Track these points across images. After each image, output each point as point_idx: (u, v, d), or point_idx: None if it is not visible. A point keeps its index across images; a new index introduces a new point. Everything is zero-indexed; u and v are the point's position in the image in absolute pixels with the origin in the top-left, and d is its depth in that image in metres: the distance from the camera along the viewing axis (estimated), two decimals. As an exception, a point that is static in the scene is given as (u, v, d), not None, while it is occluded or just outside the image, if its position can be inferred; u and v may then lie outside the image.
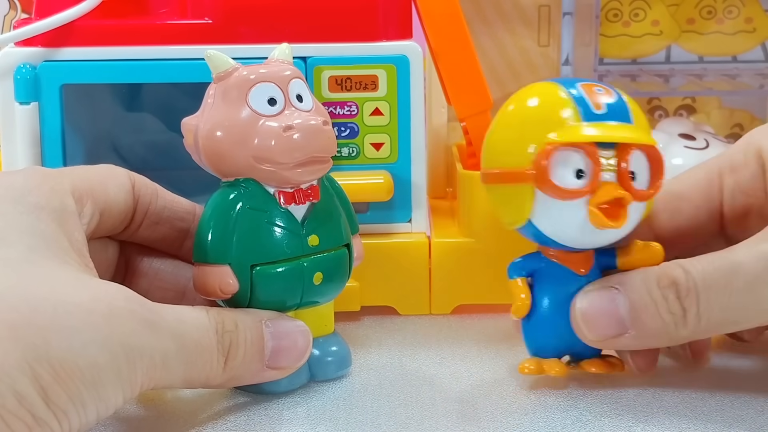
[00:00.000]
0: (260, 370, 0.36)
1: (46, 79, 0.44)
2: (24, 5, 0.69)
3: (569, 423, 0.36)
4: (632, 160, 0.36)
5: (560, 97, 0.37)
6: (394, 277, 0.46)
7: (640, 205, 0.37)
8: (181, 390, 0.39)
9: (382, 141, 0.46)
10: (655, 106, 0.74)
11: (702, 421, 0.36)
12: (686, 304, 0.35)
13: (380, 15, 0.45)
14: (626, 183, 0.36)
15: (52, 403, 0.29)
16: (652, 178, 0.37)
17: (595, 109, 0.36)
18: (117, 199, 0.37)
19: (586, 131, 0.36)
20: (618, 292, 0.36)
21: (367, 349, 0.43)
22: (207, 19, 0.45)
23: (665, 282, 0.36)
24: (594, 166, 0.35)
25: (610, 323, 0.36)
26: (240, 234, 0.36)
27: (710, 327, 0.36)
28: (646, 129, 0.37)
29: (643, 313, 0.36)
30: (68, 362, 0.29)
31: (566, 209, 0.36)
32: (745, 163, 0.38)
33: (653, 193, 0.37)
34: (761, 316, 0.35)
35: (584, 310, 0.37)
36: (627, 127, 0.36)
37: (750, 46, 0.73)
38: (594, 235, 0.36)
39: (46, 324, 0.29)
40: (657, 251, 0.37)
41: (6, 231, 0.32)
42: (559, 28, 0.72)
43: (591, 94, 0.36)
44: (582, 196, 0.35)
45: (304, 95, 0.37)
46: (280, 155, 0.35)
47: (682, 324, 0.36)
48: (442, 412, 0.37)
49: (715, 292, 0.35)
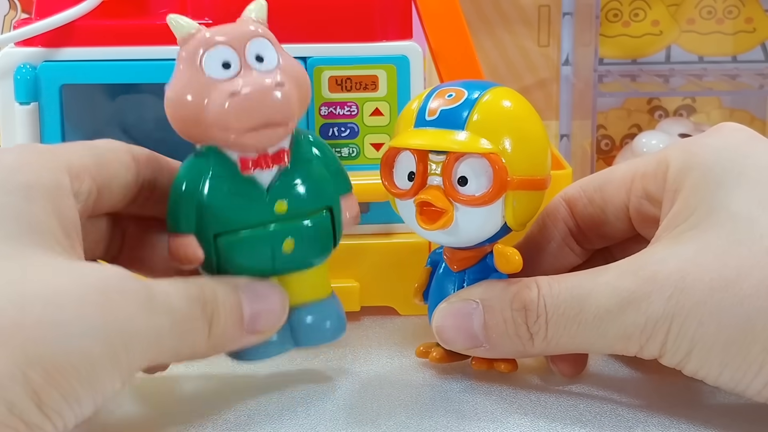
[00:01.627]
0: (241, 336, 0.36)
1: (46, 79, 0.44)
2: (24, 5, 0.69)
3: (569, 423, 0.36)
4: (461, 165, 0.36)
5: (414, 102, 0.38)
6: (394, 277, 0.46)
7: (482, 210, 0.37)
8: (181, 389, 0.39)
9: (382, 141, 0.46)
10: (655, 106, 0.74)
11: (702, 420, 0.36)
12: (533, 330, 0.36)
13: (380, 15, 0.45)
14: (448, 188, 0.36)
15: (45, 406, 0.28)
16: (489, 184, 0.36)
17: (428, 116, 0.37)
18: (117, 175, 0.36)
19: (408, 138, 0.37)
20: (476, 306, 0.37)
21: (367, 349, 0.43)
22: (207, 19, 0.45)
23: (517, 305, 0.36)
24: (418, 170, 0.37)
25: (462, 337, 0.38)
26: (202, 203, 0.36)
27: (560, 349, 0.36)
28: (491, 133, 0.36)
29: (493, 331, 0.37)
30: (61, 360, 0.29)
31: (403, 207, 0.38)
32: (653, 174, 0.37)
33: (484, 199, 0.36)
34: (609, 347, 0.35)
35: (438, 323, 0.38)
36: (447, 134, 0.36)
37: (750, 46, 0.73)
38: (428, 234, 0.38)
39: (36, 323, 0.28)
40: (507, 258, 0.37)
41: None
42: (559, 28, 0.72)
43: (437, 99, 0.37)
44: (407, 197, 0.37)
45: (266, 55, 0.36)
46: (228, 121, 0.35)
47: (531, 345, 0.36)
48: (442, 412, 0.37)
49: (564, 320, 0.35)
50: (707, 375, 0.34)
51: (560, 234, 0.41)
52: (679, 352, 0.34)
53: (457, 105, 0.37)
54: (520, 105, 0.38)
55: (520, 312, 0.36)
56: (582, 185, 0.40)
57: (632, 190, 0.38)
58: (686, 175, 0.36)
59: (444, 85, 0.38)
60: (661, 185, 0.37)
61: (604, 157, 0.74)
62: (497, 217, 0.37)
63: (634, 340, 0.34)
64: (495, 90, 0.37)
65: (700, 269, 0.33)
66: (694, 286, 0.33)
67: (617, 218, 0.39)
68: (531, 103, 0.38)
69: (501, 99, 0.37)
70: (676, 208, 0.36)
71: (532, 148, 0.37)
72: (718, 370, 0.33)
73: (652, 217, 0.38)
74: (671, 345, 0.34)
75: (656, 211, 0.38)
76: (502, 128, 0.37)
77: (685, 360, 0.34)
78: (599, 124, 0.74)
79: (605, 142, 0.75)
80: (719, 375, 0.33)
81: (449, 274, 0.39)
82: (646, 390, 0.38)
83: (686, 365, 0.34)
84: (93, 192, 0.35)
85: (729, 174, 0.35)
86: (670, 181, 0.36)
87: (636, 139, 0.65)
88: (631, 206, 0.39)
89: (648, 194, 0.38)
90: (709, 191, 0.35)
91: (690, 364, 0.34)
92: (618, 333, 0.34)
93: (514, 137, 0.37)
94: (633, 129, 0.75)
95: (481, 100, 0.37)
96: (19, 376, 0.28)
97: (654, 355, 0.34)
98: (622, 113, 0.75)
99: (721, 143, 0.36)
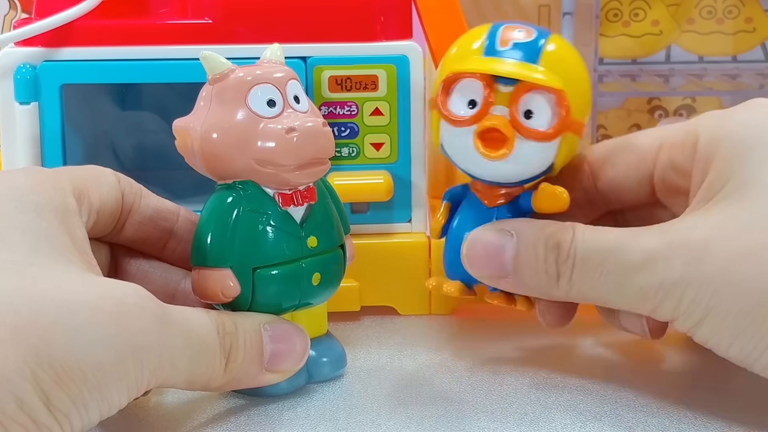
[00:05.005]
0: (259, 373, 0.36)
1: (46, 79, 0.44)
2: (24, 5, 0.69)
3: (569, 423, 0.36)
4: (528, 99, 0.37)
5: (478, 33, 0.38)
6: (394, 277, 0.46)
7: (541, 146, 0.37)
8: (181, 391, 0.39)
9: (382, 141, 0.46)
10: (655, 106, 0.74)
11: (702, 421, 0.36)
12: (561, 270, 0.36)
13: (380, 15, 0.45)
14: (514, 118, 0.36)
15: (53, 406, 0.29)
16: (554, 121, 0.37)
17: (500, 46, 0.37)
18: (109, 199, 0.37)
19: (476, 63, 0.37)
20: (510, 237, 0.37)
21: (367, 349, 0.43)
22: (207, 19, 0.45)
23: (552, 242, 0.37)
24: (485, 97, 0.37)
25: (491, 264, 0.38)
26: (240, 237, 0.36)
27: (581, 296, 0.37)
28: (558, 73, 0.37)
29: (523, 265, 0.37)
30: (71, 364, 0.29)
31: (458, 136, 0.38)
32: (681, 144, 0.38)
33: (548, 134, 0.37)
34: (625, 303, 0.36)
35: (469, 245, 0.38)
36: (524, 66, 0.37)
37: (750, 46, 0.73)
38: (483, 165, 0.37)
39: (49, 325, 0.29)
40: (555, 196, 0.38)
41: (8, 232, 0.31)
42: (559, 28, 0.72)
43: (506, 31, 0.38)
44: (468, 124, 0.37)
45: (301, 96, 0.37)
46: (283, 157, 0.35)
47: (555, 285, 0.37)
48: (442, 412, 0.37)
49: (588, 267, 0.36)
50: (718, 344, 0.34)
51: (585, 188, 0.41)
52: (692, 318, 0.34)
53: (532, 39, 0.37)
54: (576, 52, 0.39)
55: (553, 250, 0.36)
56: (607, 147, 0.41)
57: (659, 159, 0.39)
58: (717, 147, 0.36)
59: (509, 22, 0.38)
60: (689, 156, 0.37)
61: (604, 157, 0.74)
62: (551, 155, 0.38)
63: (649, 299, 0.34)
64: (554, 35, 0.38)
65: (723, 238, 0.33)
66: (715, 253, 0.33)
67: (640, 184, 0.40)
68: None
69: (563, 43, 0.38)
70: (710, 179, 0.36)
71: (586, 93, 0.39)
72: (729, 341, 0.33)
73: (678, 187, 0.38)
74: (684, 310, 0.34)
75: (682, 182, 0.38)
76: (570, 68, 0.38)
77: (697, 326, 0.34)
78: (599, 124, 0.74)
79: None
80: (730, 345, 0.34)
81: (482, 208, 0.39)
82: (646, 390, 0.38)
83: (697, 332, 0.34)
84: (92, 215, 0.36)
85: (762, 148, 0.35)
86: (700, 151, 0.37)
87: (636, 139, 0.65)
88: (656, 176, 0.39)
89: (675, 165, 0.38)
90: (742, 163, 0.35)
91: (701, 331, 0.34)
92: (634, 290, 0.35)
93: (577, 80, 0.38)
94: (633, 129, 0.74)
95: (549, 40, 0.38)
96: (29, 375, 0.28)
97: (667, 317, 0.35)
98: (622, 113, 0.75)
99: (753, 117, 0.37)
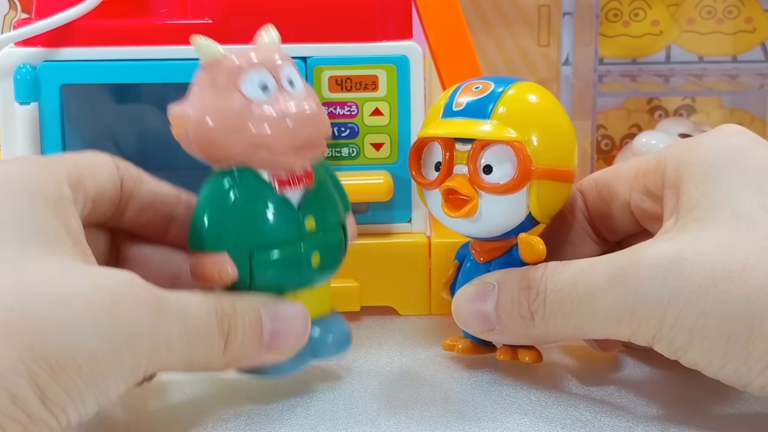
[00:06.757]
0: (259, 353, 0.36)
1: (46, 79, 0.44)
2: (24, 5, 0.69)
3: (569, 423, 0.36)
4: (487, 154, 0.37)
5: (445, 95, 0.39)
6: (394, 277, 0.46)
7: (505, 199, 0.37)
8: (182, 390, 0.39)
9: (382, 141, 0.46)
10: (655, 106, 0.74)
11: (702, 421, 0.36)
12: (533, 308, 0.36)
13: (380, 15, 0.45)
14: (473, 175, 0.37)
15: (48, 401, 0.29)
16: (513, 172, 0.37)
17: (455, 107, 0.38)
18: (106, 186, 0.36)
19: (434, 127, 0.38)
20: (492, 289, 0.38)
21: (367, 349, 0.43)
22: (207, 19, 0.45)
23: (523, 284, 0.37)
24: (444, 159, 0.38)
25: (477, 319, 0.38)
26: (236, 220, 0.36)
27: (559, 332, 0.36)
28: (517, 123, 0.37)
29: (503, 313, 0.37)
30: (65, 357, 0.29)
31: (430, 198, 0.39)
32: (654, 171, 0.38)
33: (508, 187, 0.37)
34: (602, 329, 0.35)
35: (456, 302, 0.39)
36: (472, 123, 0.37)
37: (750, 46, 0.73)
38: (455, 224, 0.38)
39: (42, 320, 0.29)
40: (530, 245, 0.38)
41: (0, 225, 0.31)
42: (559, 28, 0.72)
43: (464, 92, 0.38)
44: (434, 187, 0.38)
45: (296, 80, 0.37)
46: (277, 141, 0.35)
47: (533, 326, 0.37)
48: (442, 412, 0.37)
49: (559, 298, 0.36)
50: (708, 367, 0.33)
51: (579, 223, 0.41)
52: (677, 341, 0.33)
53: (484, 96, 0.38)
54: (546, 98, 0.39)
55: (524, 291, 0.37)
56: (594, 179, 0.41)
57: (634, 187, 0.39)
58: (684, 171, 0.36)
59: (472, 80, 0.39)
60: (660, 181, 0.37)
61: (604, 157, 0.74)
62: (521, 206, 0.38)
63: (625, 321, 0.34)
64: (521, 84, 0.38)
65: (699, 256, 0.33)
66: (693, 272, 0.33)
67: (622, 213, 0.40)
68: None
69: (527, 91, 0.38)
70: (679, 203, 0.36)
71: (557, 139, 0.38)
72: (721, 363, 0.33)
73: (653, 213, 0.38)
74: (667, 332, 0.33)
75: (656, 207, 0.38)
76: (528, 118, 0.38)
77: (683, 350, 0.33)
78: (599, 124, 0.74)
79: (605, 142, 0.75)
80: (721, 368, 0.33)
81: (476, 265, 0.40)
82: (646, 390, 0.38)
83: (684, 355, 0.33)
84: (88, 203, 0.36)
85: (730, 173, 0.35)
86: (668, 177, 0.37)
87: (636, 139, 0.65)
88: (632, 202, 0.39)
89: (648, 191, 0.38)
90: (710, 187, 0.35)
91: (689, 354, 0.33)
92: (608, 312, 0.34)
93: (539, 127, 0.37)
94: (633, 129, 0.74)
95: (507, 92, 0.38)
96: (23, 370, 0.28)
97: (647, 340, 0.34)
98: (622, 113, 0.75)
99: (721, 143, 0.36)
